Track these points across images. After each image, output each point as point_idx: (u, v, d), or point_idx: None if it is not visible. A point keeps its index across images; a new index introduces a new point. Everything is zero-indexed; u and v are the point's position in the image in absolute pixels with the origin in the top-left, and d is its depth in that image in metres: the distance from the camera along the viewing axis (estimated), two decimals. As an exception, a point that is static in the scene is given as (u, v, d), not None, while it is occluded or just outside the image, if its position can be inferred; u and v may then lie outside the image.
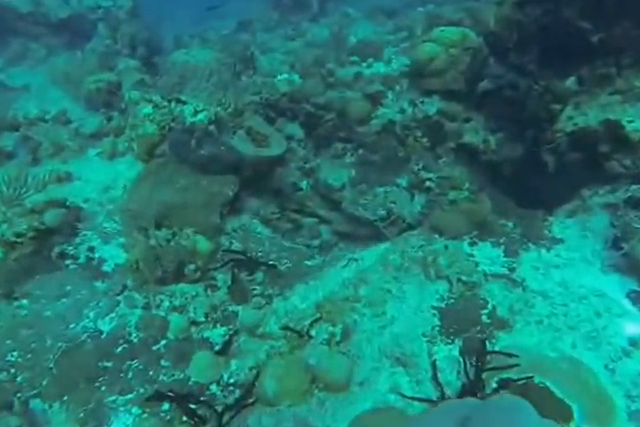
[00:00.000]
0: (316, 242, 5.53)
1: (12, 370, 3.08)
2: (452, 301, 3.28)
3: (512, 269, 3.50)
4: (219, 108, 4.14)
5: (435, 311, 3.23)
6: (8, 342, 3.21)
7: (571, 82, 3.73)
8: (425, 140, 4.77)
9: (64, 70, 7.56)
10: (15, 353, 3.15)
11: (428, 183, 4.81)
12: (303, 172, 5.62)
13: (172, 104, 4.39)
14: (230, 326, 3.30)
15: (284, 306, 3.37)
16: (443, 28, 4.76)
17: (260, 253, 3.79)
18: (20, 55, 9.49)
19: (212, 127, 3.99)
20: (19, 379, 3.04)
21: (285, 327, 3.18)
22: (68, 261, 3.64)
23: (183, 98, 4.29)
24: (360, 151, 5.16)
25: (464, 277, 3.37)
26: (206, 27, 9.44)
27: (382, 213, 5.04)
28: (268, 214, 4.45)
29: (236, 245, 3.69)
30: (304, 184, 5.60)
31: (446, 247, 3.69)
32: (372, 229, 5.27)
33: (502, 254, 3.64)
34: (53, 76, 7.58)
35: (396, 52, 6.60)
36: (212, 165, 3.85)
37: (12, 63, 9.37)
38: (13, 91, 8.05)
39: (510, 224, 3.82)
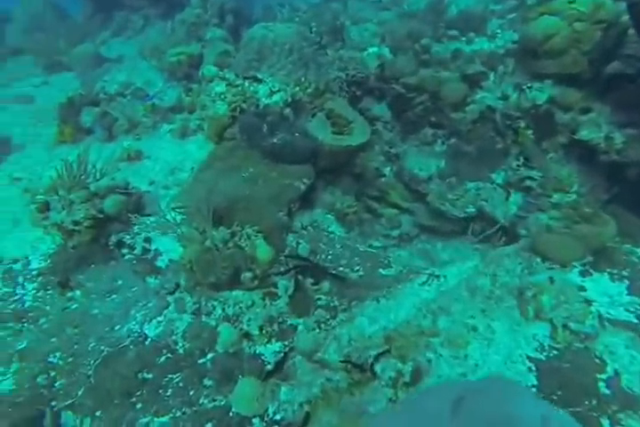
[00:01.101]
0: (395, 232, 5.07)
1: (52, 373, 2.93)
2: (556, 353, 2.57)
3: (640, 316, 2.64)
4: (297, 89, 3.70)
5: (531, 365, 2.56)
6: (53, 340, 3.07)
7: None
8: (530, 132, 4.06)
9: (153, 42, 7.48)
10: (58, 354, 2.99)
11: (528, 182, 4.13)
12: (387, 157, 5.11)
13: (247, 83, 4.01)
14: (287, 342, 2.92)
15: (348, 332, 2.89)
16: (566, -4, 3.94)
17: (329, 257, 3.34)
18: (122, 27, 9.64)
19: (287, 111, 3.56)
20: (57, 384, 2.88)
21: (347, 361, 2.72)
22: (124, 251, 3.44)
23: (260, 76, 3.89)
24: (452, 140, 4.54)
25: (573, 325, 2.64)
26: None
27: (472, 210, 4.44)
28: (345, 208, 4.00)
29: (304, 246, 3.29)
30: (387, 171, 5.10)
31: (552, 280, 2.93)
32: (458, 225, 4.71)
33: (626, 292, 2.82)
34: (143, 47, 7.52)
35: (502, 24, 5.78)
36: (285, 154, 3.45)
37: (115, 35, 9.54)
38: (108, 62, 8.15)
39: (638, 251, 3.02)
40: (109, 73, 7.49)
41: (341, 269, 3.22)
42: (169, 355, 2.86)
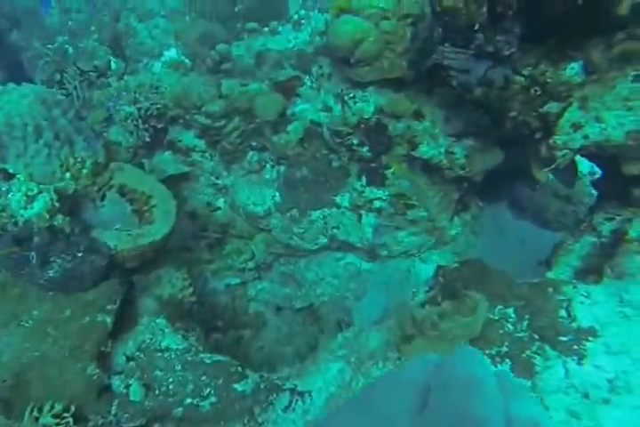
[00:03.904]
0: (250, 264, 4.43)
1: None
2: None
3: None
4: (67, 178, 2.71)
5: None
6: None
7: (573, 70, 2.51)
8: (365, 149, 3.52)
9: None
10: None
11: (377, 203, 3.65)
12: (217, 189, 4.35)
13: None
14: None
15: None
16: (365, -14, 3.32)
17: (170, 388, 2.55)
18: None
19: (60, 219, 2.56)
20: None
21: None
22: None
23: (10, 170, 2.77)
24: (281, 167, 3.88)
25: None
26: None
27: (324, 241, 3.92)
28: (177, 293, 3.21)
29: (136, 389, 2.47)
30: (221, 203, 4.36)
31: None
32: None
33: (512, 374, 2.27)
34: None
35: (304, 1, 5.09)
36: (71, 286, 2.50)
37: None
38: None
39: (511, 313, 2.59)
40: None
41: (189, 401, 2.50)
42: None
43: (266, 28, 4.64)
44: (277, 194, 3.85)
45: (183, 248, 4.39)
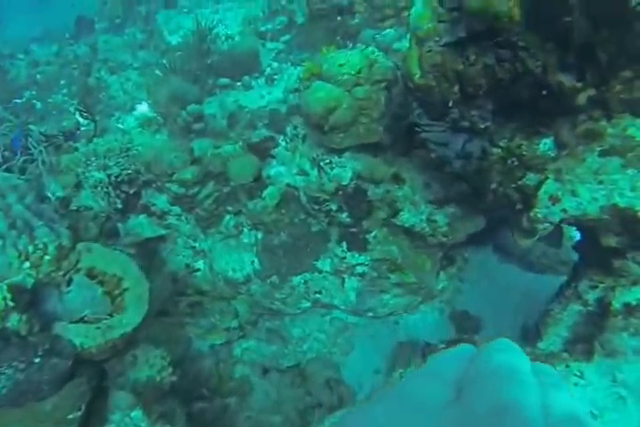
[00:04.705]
0: (234, 323, 4.25)
1: None
2: None
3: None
4: (25, 267, 2.53)
5: None
6: None
7: (546, 145, 2.44)
8: (344, 215, 3.40)
9: None
10: None
11: (359, 269, 3.51)
12: (195, 251, 4.19)
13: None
14: None
15: None
16: (335, 52, 3.23)
17: None
18: None
19: (13, 320, 2.34)
20: None
21: None
22: None
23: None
24: (259, 233, 3.74)
25: None
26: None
27: (307, 305, 3.76)
28: (156, 374, 3.01)
29: None
30: (200, 264, 4.20)
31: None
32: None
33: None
34: None
35: (277, 54, 5.02)
36: (28, 398, 2.27)
37: None
38: None
39: None
40: None
41: None
42: None
43: (238, 83, 4.56)
44: (256, 260, 3.70)
45: (162, 312, 4.22)
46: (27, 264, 2.65)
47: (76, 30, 6.83)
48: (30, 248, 2.72)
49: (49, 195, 3.96)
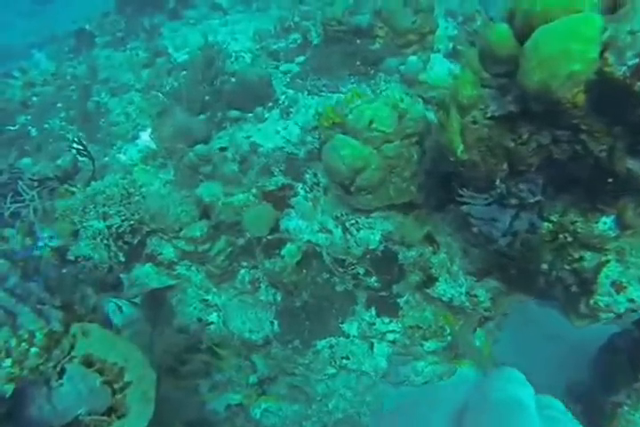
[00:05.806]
0: (253, 378, 3.90)
1: None
2: None
3: None
4: (7, 365, 2.20)
5: None
6: None
7: (606, 224, 2.06)
8: (373, 279, 3.03)
9: None
10: None
11: (390, 336, 3.16)
12: (206, 304, 3.86)
13: None
14: None
15: None
16: (359, 97, 2.82)
17: None
18: None
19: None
20: None
21: None
22: None
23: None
24: (278, 293, 3.39)
25: None
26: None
27: (333, 371, 3.43)
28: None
29: None
30: (214, 317, 3.86)
31: None
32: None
33: None
34: None
35: (292, 78, 4.57)
36: None
37: None
38: None
39: None
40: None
41: None
42: None
43: (250, 114, 4.16)
44: (276, 322, 3.36)
45: (173, 369, 3.91)
46: (8, 362, 2.31)
47: (76, 44, 6.42)
48: (13, 342, 2.38)
49: (42, 244, 3.66)
